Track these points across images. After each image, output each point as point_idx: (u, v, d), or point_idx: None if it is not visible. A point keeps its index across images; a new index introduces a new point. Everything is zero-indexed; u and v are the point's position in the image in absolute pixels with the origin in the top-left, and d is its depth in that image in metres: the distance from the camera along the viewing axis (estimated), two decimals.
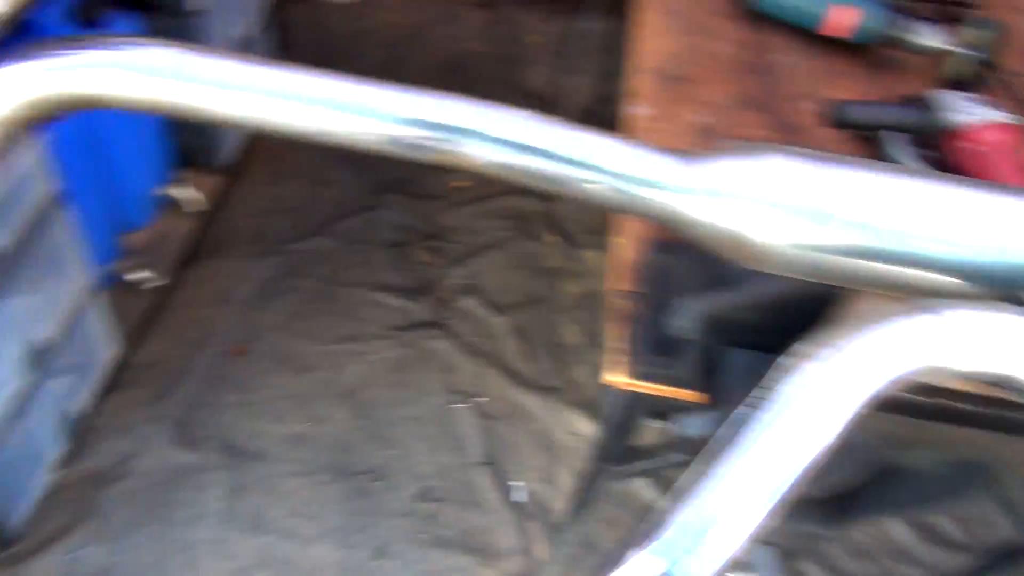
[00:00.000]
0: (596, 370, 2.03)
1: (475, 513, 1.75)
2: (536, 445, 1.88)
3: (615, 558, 0.48)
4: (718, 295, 0.73)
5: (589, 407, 1.94)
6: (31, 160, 1.42)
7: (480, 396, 1.95)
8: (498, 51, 2.85)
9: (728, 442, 0.48)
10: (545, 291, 2.21)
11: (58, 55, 0.43)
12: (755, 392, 0.48)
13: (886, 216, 0.52)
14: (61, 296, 1.55)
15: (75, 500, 1.62)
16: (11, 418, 1.41)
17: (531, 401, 1.95)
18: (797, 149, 0.55)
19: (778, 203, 0.51)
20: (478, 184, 2.47)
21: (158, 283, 1.93)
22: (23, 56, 0.44)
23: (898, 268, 0.52)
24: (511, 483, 1.79)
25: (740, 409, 0.48)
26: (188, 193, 2.09)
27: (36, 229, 1.46)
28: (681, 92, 0.94)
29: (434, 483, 1.78)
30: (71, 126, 1.67)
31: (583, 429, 1.90)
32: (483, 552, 1.69)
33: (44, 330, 1.50)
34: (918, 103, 0.85)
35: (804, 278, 0.56)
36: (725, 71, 1.00)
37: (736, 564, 0.89)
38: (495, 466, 1.83)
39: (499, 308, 2.14)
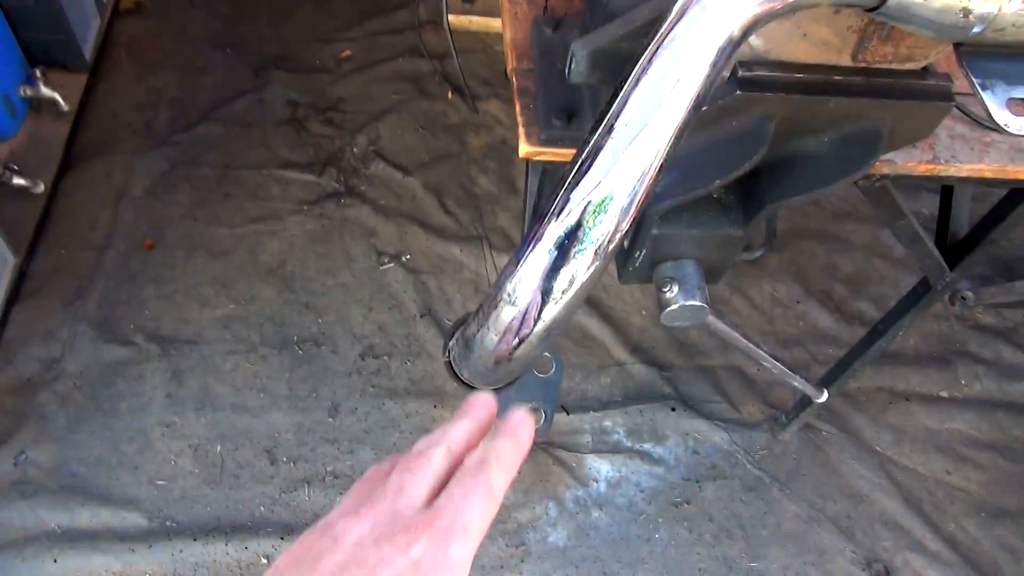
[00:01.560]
0: (518, 214, 2.07)
1: (422, 362, 1.79)
2: (470, 292, 1.91)
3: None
4: (600, 32, 0.74)
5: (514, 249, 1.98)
6: None
7: (406, 254, 1.95)
8: None
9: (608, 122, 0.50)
10: (451, 147, 2.19)
11: None
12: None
13: None
14: None
15: (9, 409, 1.55)
16: None
17: (457, 252, 1.97)
18: None
19: None
20: (365, 52, 2.38)
21: (42, 189, 1.80)
22: None
23: None
24: None
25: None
26: (52, 94, 1.92)
27: None
28: None
29: (376, 340, 1.80)
30: None
31: None
32: (436, 396, 1.74)
33: None
34: None
35: None
36: None
37: (665, 280, 0.94)
38: (434, 316, 1.86)
39: (408, 169, 2.12)
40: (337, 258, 1.92)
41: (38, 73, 1.89)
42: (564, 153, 0.95)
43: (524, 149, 0.95)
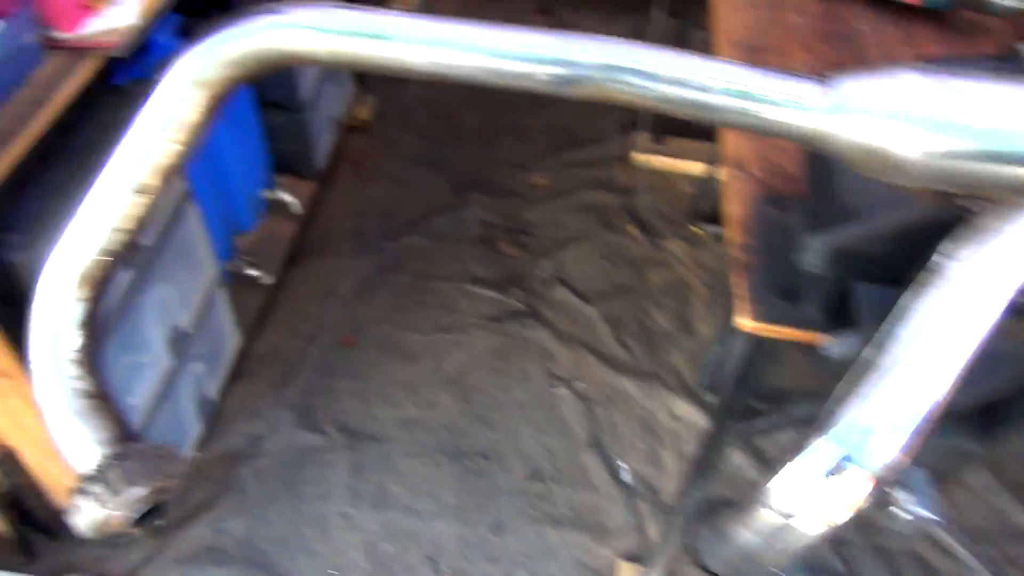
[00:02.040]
0: (691, 356, 2.08)
1: (585, 492, 1.80)
2: (638, 428, 1.93)
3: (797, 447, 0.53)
4: (845, 229, 0.76)
5: (688, 392, 1.99)
6: None
7: (579, 381, 2.00)
8: None
9: (887, 345, 0.53)
10: (631, 280, 2.26)
11: (257, 20, 0.49)
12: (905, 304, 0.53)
13: (1011, 121, 0.56)
14: (194, 286, 1.64)
15: (215, 478, 1.70)
16: (160, 397, 1.50)
17: (629, 385, 2.00)
18: (926, 65, 0.60)
19: (912, 116, 0.56)
20: (556, 181, 2.54)
21: (269, 280, 2.02)
22: (227, 24, 0.53)
23: None
24: (619, 463, 1.84)
25: (893, 319, 0.53)
26: (287, 197, 2.19)
27: (172, 223, 1.56)
28: (762, 63, 1.00)
29: (543, 463, 1.84)
30: None
31: (684, 413, 1.95)
32: (597, 530, 1.74)
33: (183, 317, 1.59)
34: (1008, 56, 0.90)
35: (939, 187, 0.60)
36: (805, 41, 1.06)
37: (894, 482, 0.94)
38: (600, 448, 1.88)
39: (588, 297, 2.20)
40: (514, 376, 2.00)
41: (279, 179, 2.16)
42: (784, 332, 0.98)
43: (744, 324, 0.98)
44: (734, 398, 1.13)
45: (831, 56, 1.06)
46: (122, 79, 1.29)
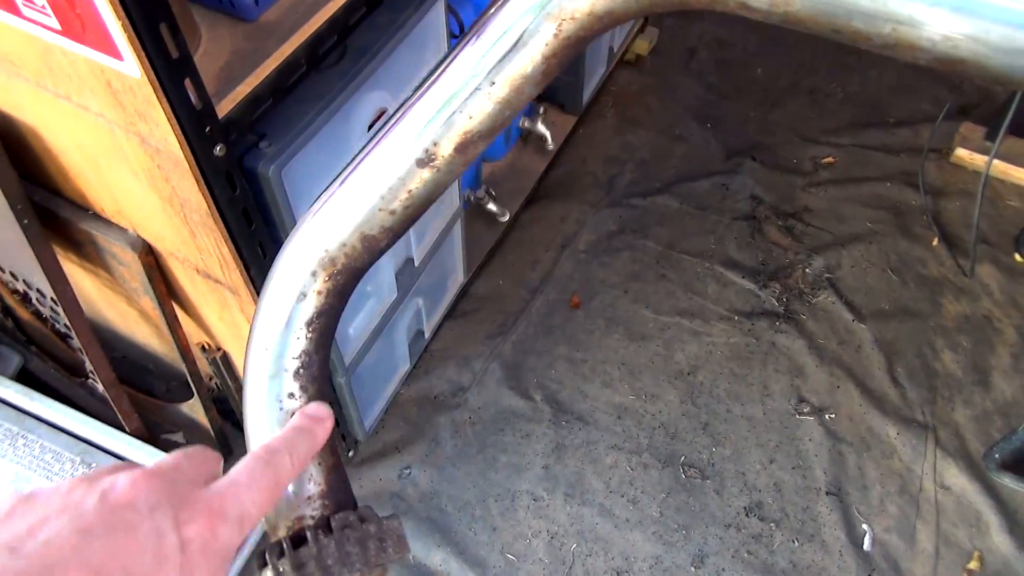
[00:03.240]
0: (981, 416, 1.66)
1: (811, 548, 1.50)
2: (894, 488, 1.57)
3: None
4: None
5: (967, 460, 1.59)
6: None
7: (831, 412, 1.67)
8: None
9: None
10: (920, 304, 1.85)
11: None
12: None
13: None
14: (435, 217, 1.51)
15: (411, 420, 1.61)
16: (376, 332, 1.39)
17: (892, 432, 1.64)
18: None
19: None
20: (848, 163, 2.13)
21: (506, 218, 1.86)
22: None
23: None
24: (863, 525, 1.52)
25: None
26: (544, 131, 1.99)
27: None
28: None
29: (767, 499, 1.56)
30: None
31: (957, 485, 1.56)
32: None
33: (417, 249, 1.46)
34: None
35: None
36: None
37: None
38: (841, 499, 1.56)
39: (862, 313, 1.83)
40: (753, 387, 1.71)
41: (541, 109, 1.97)
42: None
43: None
44: None
45: None
46: None
